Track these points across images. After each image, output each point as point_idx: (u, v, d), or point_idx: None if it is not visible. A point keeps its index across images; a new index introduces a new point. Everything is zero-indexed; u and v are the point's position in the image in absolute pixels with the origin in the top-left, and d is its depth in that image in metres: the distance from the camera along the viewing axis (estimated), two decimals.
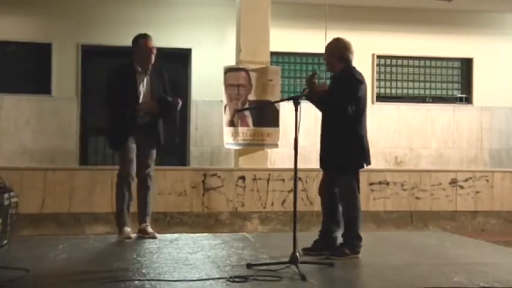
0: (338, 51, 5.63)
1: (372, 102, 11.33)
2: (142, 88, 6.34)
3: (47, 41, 10.46)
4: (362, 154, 5.58)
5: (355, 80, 5.55)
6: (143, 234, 6.43)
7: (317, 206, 5.96)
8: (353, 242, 5.55)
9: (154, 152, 6.55)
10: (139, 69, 6.37)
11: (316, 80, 5.55)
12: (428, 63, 11.77)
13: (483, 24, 11.67)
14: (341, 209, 5.65)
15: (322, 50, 6.05)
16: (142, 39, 6.42)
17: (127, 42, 10.46)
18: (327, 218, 5.74)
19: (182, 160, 10.84)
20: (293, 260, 4.82)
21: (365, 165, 5.61)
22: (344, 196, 5.57)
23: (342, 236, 5.63)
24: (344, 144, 5.52)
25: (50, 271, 4.81)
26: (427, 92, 11.79)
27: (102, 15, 10.56)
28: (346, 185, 5.56)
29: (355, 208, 5.57)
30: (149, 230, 6.51)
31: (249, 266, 4.99)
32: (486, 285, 4.51)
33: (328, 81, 6.01)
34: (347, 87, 5.48)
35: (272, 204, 9.07)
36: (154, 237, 6.41)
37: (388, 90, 11.66)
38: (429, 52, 11.55)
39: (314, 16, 10.19)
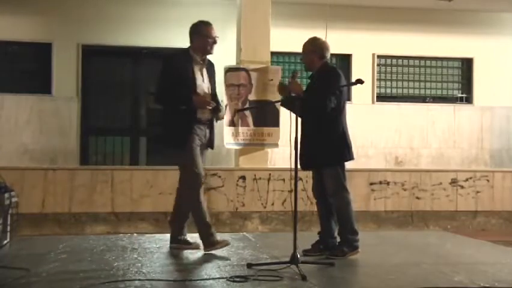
0: (319, 49, 5.69)
1: (373, 102, 11.35)
2: (201, 80, 5.72)
3: (48, 40, 10.47)
4: (346, 147, 5.60)
5: (337, 73, 5.65)
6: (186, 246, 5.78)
7: None
8: (350, 238, 5.55)
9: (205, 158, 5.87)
10: (198, 59, 5.70)
11: (298, 80, 5.58)
12: (428, 63, 11.77)
13: (483, 24, 11.66)
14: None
15: None
16: (205, 26, 5.69)
17: (127, 41, 10.64)
18: (324, 220, 5.74)
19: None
20: (293, 260, 4.81)
21: (348, 157, 5.60)
22: (334, 192, 5.56)
23: (339, 233, 5.63)
24: (329, 137, 5.53)
25: (50, 271, 4.81)
26: (427, 92, 11.79)
27: (102, 15, 10.56)
28: (334, 179, 5.54)
29: (347, 202, 5.56)
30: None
31: (249, 265, 4.99)
32: (487, 285, 4.50)
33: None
34: (329, 79, 5.54)
35: (272, 204, 9.07)
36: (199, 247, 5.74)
37: (388, 90, 11.66)
38: (430, 52, 11.55)
39: (314, 16, 10.19)
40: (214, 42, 5.70)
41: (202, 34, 5.67)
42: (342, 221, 5.58)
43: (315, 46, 5.69)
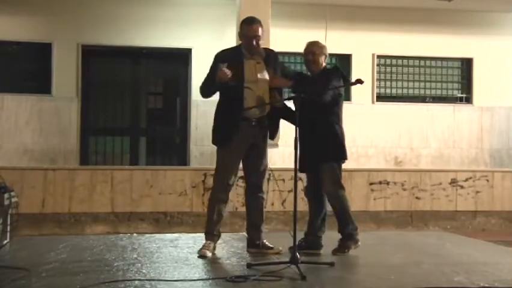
0: (326, 53, 5.91)
1: (372, 102, 11.35)
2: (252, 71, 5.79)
3: (48, 40, 10.48)
4: (344, 146, 5.73)
5: (342, 73, 5.88)
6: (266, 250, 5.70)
7: None
8: (351, 231, 5.66)
9: None
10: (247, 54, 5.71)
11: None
12: (428, 63, 11.77)
13: (483, 24, 11.67)
14: (325, 209, 5.79)
15: None
16: (245, 25, 5.66)
17: (127, 42, 10.65)
18: (314, 218, 5.83)
19: (183, 160, 10.84)
20: (293, 260, 4.81)
21: (346, 157, 5.74)
22: (331, 190, 5.65)
23: (340, 231, 5.71)
24: (332, 134, 5.67)
25: (50, 271, 4.81)
26: (427, 92, 11.79)
27: (102, 15, 10.56)
28: (332, 174, 5.63)
29: (344, 198, 5.68)
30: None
31: (249, 265, 5.00)
32: (486, 285, 4.50)
33: None
34: (337, 77, 5.73)
35: (272, 204, 9.06)
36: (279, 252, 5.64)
37: (388, 90, 11.66)
38: (429, 52, 11.55)
39: (314, 16, 10.20)
40: (255, 38, 5.61)
41: (243, 34, 5.66)
42: (342, 216, 5.66)
43: (324, 50, 5.87)
